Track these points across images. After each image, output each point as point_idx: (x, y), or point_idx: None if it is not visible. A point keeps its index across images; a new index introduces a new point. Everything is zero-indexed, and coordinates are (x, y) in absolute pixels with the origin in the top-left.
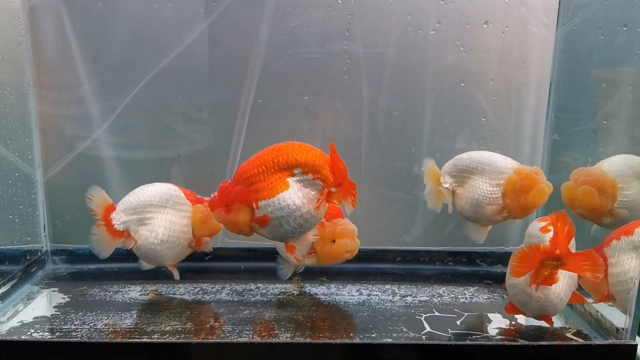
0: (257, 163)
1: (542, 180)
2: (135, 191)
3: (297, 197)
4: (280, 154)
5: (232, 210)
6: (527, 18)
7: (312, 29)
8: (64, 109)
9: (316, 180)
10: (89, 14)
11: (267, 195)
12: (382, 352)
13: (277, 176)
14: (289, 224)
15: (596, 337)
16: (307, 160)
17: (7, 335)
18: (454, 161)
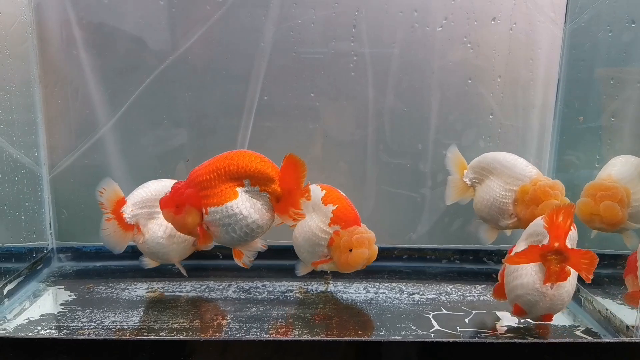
0: (210, 169)
1: (556, 195)
2: (144, 185)
3: (244, 207)
4: (231, 162)
5: (182, 211)
6: (534, 14)
7: (318, 26)
8: (70, 106)
9: (263, 193)
10: (94, 11)
11: (216, 202)
12: (390, 350)
13: (228, 185)
14: (235, 232)
15: (605, 335)
16: (254, 171)
17: (14, 332)
18: (480, 158)
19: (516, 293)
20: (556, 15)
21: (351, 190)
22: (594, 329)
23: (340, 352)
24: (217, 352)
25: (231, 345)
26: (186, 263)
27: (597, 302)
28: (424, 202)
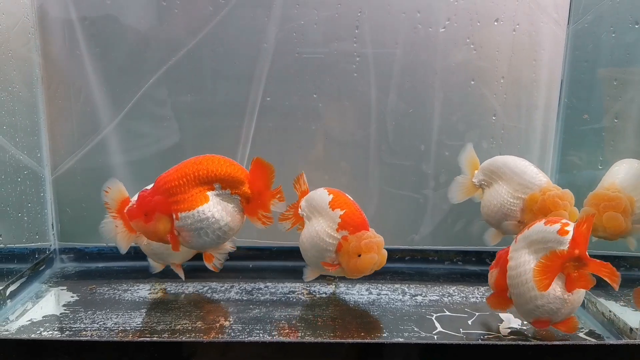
0: (178, 175)
1: (565, 205)
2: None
3: (215, 210)
4: (200, 167)
5: (152, 219)
6: (538, 15)
7: (321, 26)
8: (72, 107)
9: (234, 195)
10: (97, 12)
11: (187, 208)
12: (393, 352)
13: (198, 189)
14: (207, 236)
15: (609, 337)
16: (225, 175)
17: (16, 333)
18: (491, 160)
19: (536, 304)
20: (559, 16)
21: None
22: (597, 330)
23: (343, 354)
24: (220, 353)
25: (233, 347)
26: (188, 264)
27: (601, 304)
28: (427, 203)
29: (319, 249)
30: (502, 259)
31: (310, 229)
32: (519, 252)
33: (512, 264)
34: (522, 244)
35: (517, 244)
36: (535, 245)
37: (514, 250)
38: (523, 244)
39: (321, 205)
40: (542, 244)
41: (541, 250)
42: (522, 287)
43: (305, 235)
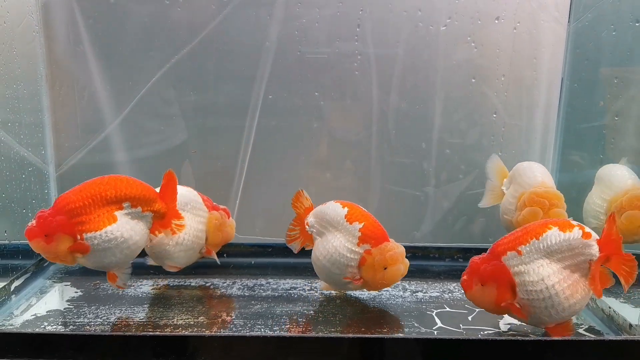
0: (82, 196)
1: (543, 203)
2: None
3: (124, 229)
4: (108, 188)
5: (53, 240)
6: (538, 14)
7: (322, 25)
8: (76, 105)
9: (145, 213)
10: (101, 10)
11: (93, 228)
12: (393, 347)
13: (105, 209)
14: (114, 256)
15: (608, 333)
16: (135, 194)
17: (21, 328)
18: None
19: (573, 310)
20: (560, 15)
21: (355, 189)
22: (597, 327)
23: (344, 348)
24: (221, 348)
25: (235, 341)
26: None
27: (600, 301)
28: (428, 200)
29: (339, 265)
30: (493, 274)
31: (327, 245)
32: (536, 264)
33: (532, 279)
34: (537, 256)
35: (525, 257)
36: (558, 254)
37: (524, 264)
38: (538, 256)
39: (336, 220)
40: (569, 251)
41: (568, 259)
42: (556, 299)
43: (321, 252)
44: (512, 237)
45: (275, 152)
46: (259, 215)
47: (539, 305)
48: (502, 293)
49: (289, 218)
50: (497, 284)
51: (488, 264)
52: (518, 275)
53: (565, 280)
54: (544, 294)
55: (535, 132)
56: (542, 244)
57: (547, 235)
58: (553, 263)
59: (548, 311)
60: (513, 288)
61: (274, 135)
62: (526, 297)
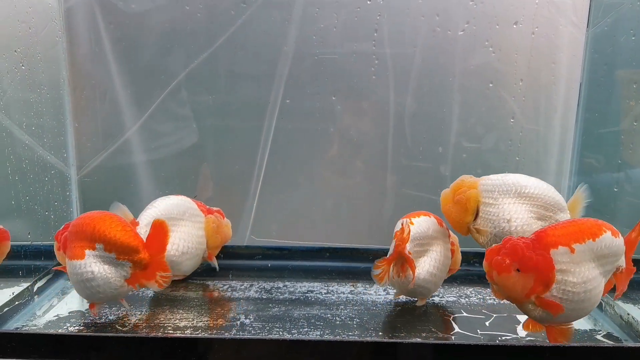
0: (77, 222)
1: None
2: (154, 205)
3: (88, 269)
4: (90, 223)
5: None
6: (557, 18)
7: (340, 30)
8: (97, 109)
9: (121, 261)
10: (122, 16)
11: (69, 255)
12: (410, 351)
13: (81, 243)
14: (80, 290)
15: (627, 340)
16: (111, 239)
17: (44, 328)
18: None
19: (587, 313)
20: (578, 19)
21: (371, 192)
22: (615, 333)
23: (362, 352)
24: (240, 350)
25: (252, 344)
26: (207, 263)
27: (618, 307)
28: None
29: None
30: (538, 264)
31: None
32: (584, 266)
33: (576, 280)
34: (588, 257)
35: (577, 256)
36: (604, 259)
37: (573, 263)
38: (589, 257)
39: (433, 233)
40: (614, 257)
41: (609, 264)
42: (586, 304)
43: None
44: (565, 231)
45: (291, 156)
46: (275, 218)
47: (568, 306)
48: (537, 286)
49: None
50: (536, 276)
51: (535, 252)
52: (562, 273)
53: (599, 287)
54: (579, 297)
55: (553, 137)
56: (597, 246)
57: (603, 238)
58: (597, 267)
59: (570, 313)
60: (550, 283)
61: (290, 139)
62: (559, 296)
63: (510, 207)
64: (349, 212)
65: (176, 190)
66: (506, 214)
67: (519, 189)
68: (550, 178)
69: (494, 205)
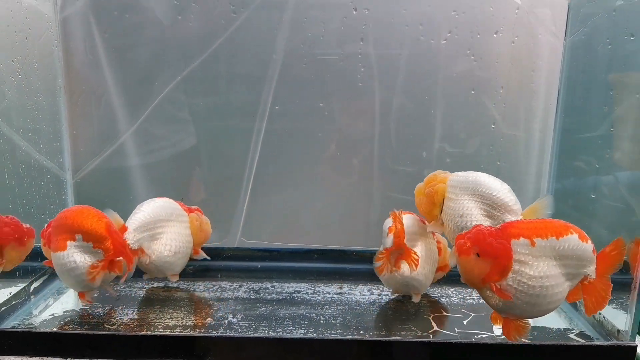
0: (59, 217)
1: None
2: (141, 209)
3: (72, 259)
4: (68, 216)
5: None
6: (536, 28)
7: (327, 38)
8: (93, 114)
9: (96, 249)
10: (116, 25)
11: (53, 248)
12: (390, 349)
13: (63, 236)
14: (65, 280)
15: (598, 339)
16: (87, 229)
17: (40, 327)
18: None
19: (544, 312)
20: (557, 29)
21: (358, 196)
22: (587, 332)
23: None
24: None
25: (242, 342)
26: (200, 264)
27: None
28: None
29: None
30: (497, 252)
31: None
32: (544, 262)
33: (533, 274)
34: (550, 253)
35: (537, 250)
36: (567, 260)
37: (532, 256)
38: (551, 254)
39: None
40: (577, 260)
41: (572, 267)
42: (542, 299)
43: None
44: (530, 225)
45: (280, 161)
46: (265, 221)
47: (522, 298)
48: (493, 272)
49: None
50: (493, 262)
51: (496, 240)
52: (520, 264)
53: (558, 287)
54: (534, 291)
55: (533, 142)
56: (559, 245)
57: (567, 239)
58: (558, 267)
59: (524, 306)
60: (505, 272)
61: (279, 144)
62: (514, 286)
63: (465, 203)
64: (337, 215)
65: (169, 192)
66: (461, 209)
67: (475, 187)
68: (531, 181)
69: (454, 201)
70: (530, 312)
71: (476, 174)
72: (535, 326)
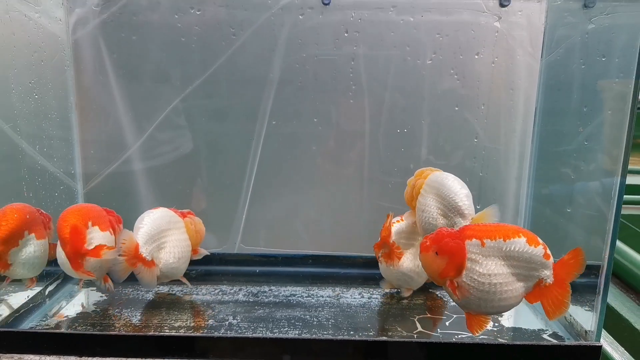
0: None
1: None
2: (142, 223)
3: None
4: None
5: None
6: (514, 49)
7: (320, 59)
8: (102, 129)
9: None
10: (124, 46)
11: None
12: (376, 348)
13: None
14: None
15: (569, 339)
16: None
17: (55, 328)
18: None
19: (499, 310)
20: (534, 50)
21: (350, 205)
22: (560, 333)
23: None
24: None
25: (241, 341)
26: (203, 268)
27: None
28: None
29: None
30: (451, 250)
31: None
32: (492, 261)
33: (482, 271)
34: (496, 254)
35: (487, 250)
36: (514, 261)
37: (482, 255)
38: (497, 254)
39: None
40: (526, 262)
41: (521, 269)
42: (492, 296)
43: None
44: (483, 228)
45: (277, 173)
46: (263, 228)
47: (474, 294)
48: (449, 269)
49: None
50: (449, 259)
51: (452, 239)
52: (471, 262)
53: (507, 285)
54: (484, 287)
55: (513, 155)
56: (506, 246)
57: (514, 242)
58: (506, 266)
59: (479, 302)
60: (461, 269)
61: (276, 158)
62: (467, 282)
63: (428, 201)
64: (330, 223)
65: (173, 202)
66: (423, 205)
67: (439, 187)
68: (511, 189)
69: (423, 197)
70: (485, 307)
71: (445, 176)
72: (513, 327)
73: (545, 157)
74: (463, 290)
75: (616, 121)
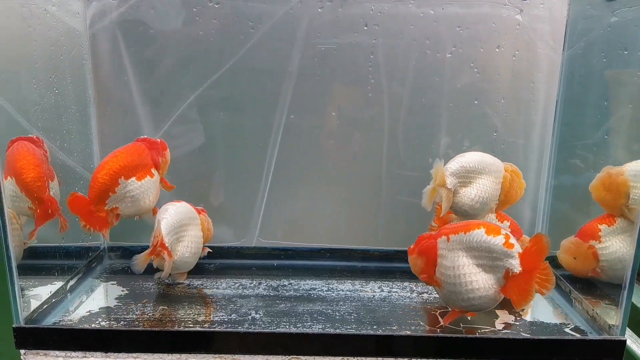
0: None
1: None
2: (165, 215)
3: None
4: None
5: None
6: (535, 43)
7: (339, 52)
8: (120, 124)
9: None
10: (142, 40)
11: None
12: (400, 343)
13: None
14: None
15: (592, 333)
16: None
17: (78, 323)
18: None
19: (471, 303)
20: (555, 44)
21: (369, 200)
22: (582, 327)
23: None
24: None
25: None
26: (221, 262)
27: (585, 303)
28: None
29: None
30: (426, 249)
31: None
32: (455, 253)
33: (447, 264)
34: (458, 247)
35: (451, 244)
36: (475, 252)
37: (447, 250)
38: (459, 247)
39: None
40: (487, 252)
41: (485, 259)
42: (459, 288)
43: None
44: (453, 226)
45: (295, 168)
46: (281, 222)
47: (447, 288)
48: (428, 267)
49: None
50: (426, 259)
51: (428, 240)
52: (440, 257)
53: (473, 276)
54: (452, 279)
55: (532, 149)
56: (466, 238)
57: (473, 234)
58: (469, 258)
59: (451, 295)
60: (435, 266)
61: (294, 153)
62: (440, 277)
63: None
64: (348, 217)
65: (191, 197)
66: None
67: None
68: (529, 185)
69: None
70: (458, 300)
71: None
72: (534, 321)
73: (565, 151)
74: (439, 285)
75: (637, 115)
